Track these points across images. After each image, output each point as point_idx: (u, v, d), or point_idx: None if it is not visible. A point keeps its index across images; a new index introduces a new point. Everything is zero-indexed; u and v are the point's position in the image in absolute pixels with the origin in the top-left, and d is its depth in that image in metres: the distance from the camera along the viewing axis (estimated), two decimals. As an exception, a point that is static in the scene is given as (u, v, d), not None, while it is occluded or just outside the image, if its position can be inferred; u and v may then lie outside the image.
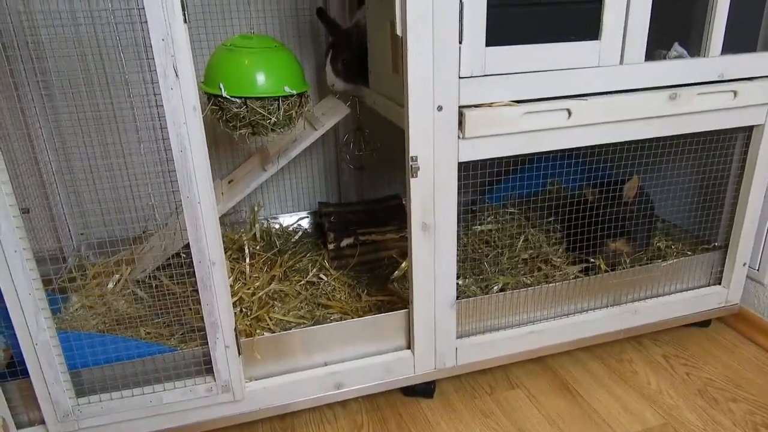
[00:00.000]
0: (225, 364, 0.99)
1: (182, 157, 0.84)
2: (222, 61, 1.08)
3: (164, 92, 0.80)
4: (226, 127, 1.10)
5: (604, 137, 1.08)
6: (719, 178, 1.29)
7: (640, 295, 1.30)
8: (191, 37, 1.39)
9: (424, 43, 0.92)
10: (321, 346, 1.11)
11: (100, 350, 0.95)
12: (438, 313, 1.11)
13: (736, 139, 1.25)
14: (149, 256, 1.30)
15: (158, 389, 0.97)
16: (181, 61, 0.80)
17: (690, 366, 1.30)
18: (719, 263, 1.34)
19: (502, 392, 1.23)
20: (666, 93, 1.07)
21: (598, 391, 1.23)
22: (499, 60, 0.97)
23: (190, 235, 0.89)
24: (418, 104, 0.95)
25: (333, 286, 1.37)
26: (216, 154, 1.57)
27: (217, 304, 0.95)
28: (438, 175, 1.01)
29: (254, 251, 1.49)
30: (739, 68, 1.12)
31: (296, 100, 1.12)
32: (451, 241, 1.07)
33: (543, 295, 1.21)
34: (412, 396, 1.22)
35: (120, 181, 1.42)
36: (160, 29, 0.77)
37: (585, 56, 1.02)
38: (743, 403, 1.19)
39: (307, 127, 1.35)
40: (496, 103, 1.00)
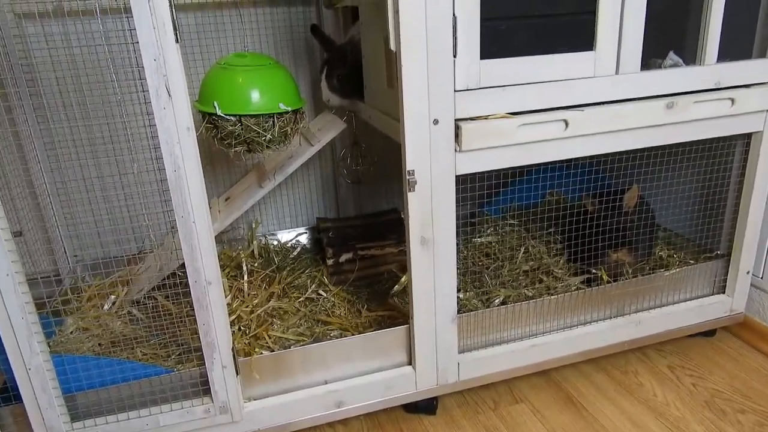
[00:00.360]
0: (222, 384, 0.97)
1: (176, 177, 0.84)
2: (216, 79, 1.08)
3: (157, 112, 0.80)
4: (221, 145, 1.10)
5: (602, 147, 1.07)
6: (720, 185, 1.28)
7: (644, 306, 1.28)
8: (185, 56, 1.41)
9: (418, 58, 0.91)
10: (321, 363, 1.09)
11: (95, 373, 0.93)
12: (439, 328, 1.10)
13: (735, 147, 1.24)
14: (145, 277, 1.28)
15: (155, 411, 0.96)
16: (174, 81, 0.79)
17: (696, 377, 1.28)
18: (722, 272, 1.32)
19: (505, 407, 1.21)
20: (663, 102, 1.07)
21: (604, 403, 1.21)
22: (494, 72, 0.97)
23: (186, 255, 0.88)
24: (413, 118, 0.95)
25: (332, 302, 1.36)
26: (212, 171, 1.57)
27: (213, 324, 0.93)
28: (435, 188, 1.00)
29: (252, 268, 1.48)
30: (735, 75, 1.11)
31: (291, 116, 1.11)
32: (451, 255, 1.06)
33: (545, 308, 1.20)
34: (415, 413, 1.20)
35: (116, 201, 1.41)
36: (151, 49, 0.77)
37: (580, 67, 1.02)
38: (751, 414, 1.17)
39: (304, 143, 1.34)
40: (493, 116, 0.99)
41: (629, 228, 1.27)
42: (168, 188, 0.84)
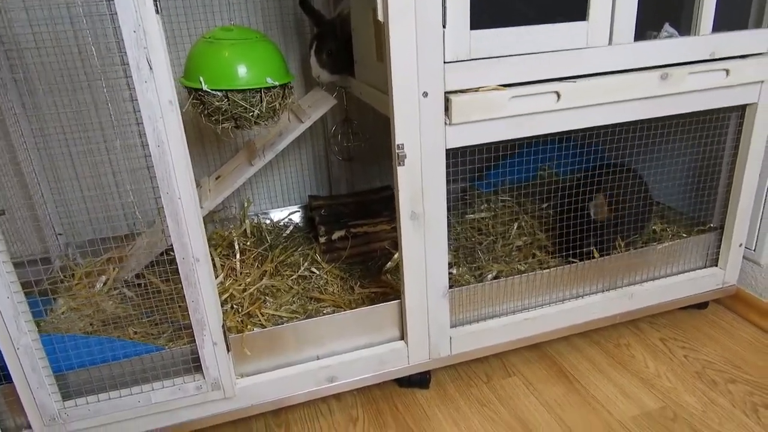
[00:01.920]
0: (214, 361, 0.97)
1: (160, 152, 0.82)
2: (201, 54, 1.05)
3: (138, 86, 0.78)
4: (209, 121, 1.08)
5: (595, 120, 1.06)
6: (714, 158, 1.27)
7: (636, 279, 1.28)
8: (171, 32, 1.39)
9: (406, 28, 0.89)
10: (313, 340, 1.09)
11: (85, 352, 0.93)
12: (431, 303, 1.10)
13: (729, 119, 1.23)
14: (136, 255, 1.28)
15: (146, 389, 0.96)
16: (155, 54, 0.77)
17: (688, 348, 1.29)
18: (715, 244, 1.32)
19: (498, 380, 1.22)
20: (657, 73, 1.05)
21: (596, 376, 1.22)
22: (484, 43, 0.95)
23: (172, 232, 0.87)
24: (402, 91, 0.93)
25: (325, 279, 1.36)
26: (203, 150, 1.55)
27: (203, 301, 0.93)
28: (425, 162, 0.99)
29: (245, 247, 1.47)
30: (730, 46, 1.10)
31: (279, 91, 1.09)
32: (442, 230, 1.05)
33: (538, 282, 1.20)
34: (408, 387, 1.20)
35: (104, 179, 1.39)
36: (130, 21, 0.75)
37: (573, 37, 1.00)
38: (742, 384, 1.18)
39: (294, 120, 1.32)
40: (483, 88, 0.98)
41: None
42: (152, 164, 0.83)
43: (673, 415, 1.10)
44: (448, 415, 1.13)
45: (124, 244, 1.32)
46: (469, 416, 1.12)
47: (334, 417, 1.15)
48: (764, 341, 1.30)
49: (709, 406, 1.12)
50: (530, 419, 1.11)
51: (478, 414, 1.13)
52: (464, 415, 1.13)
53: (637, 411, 1.12)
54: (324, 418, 1.14)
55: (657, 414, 1.11)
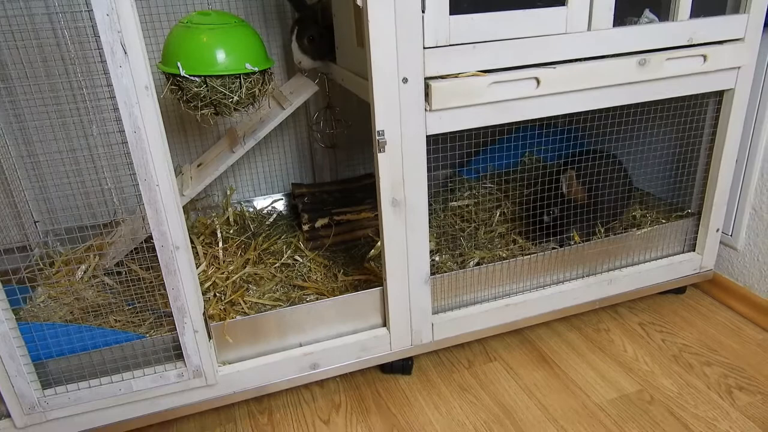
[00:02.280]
0: (195, 348, 0.97)
1: (137, 138, 0.81)
2: (179, 39, 1.04)
3: (113, 71, 0.77)
4: (187, 107, 1.07)
5: (574, 106, 1.06)
6: (692, 144, 1.29)
7: (616, 265, 1.30)
8: (149, 16, 1.37)
9: (385, 13, 0.89)
10: (296, 327, 1.10)
11: (64, 340, 0.92)
12: (412, 290, 1.10)
13: (707, 105, 1.24)
14: (117, 243, 1.27)
15: (127, 377, 0.96)
16: (129, 37, 0.76)
17: (666, 332, 1.31)
18: (693, 230, 1.34)
19: (480, 366, 1.23)
20: (635, 59, 1.06)
21: (576, 360, 1.23)
22: (464, 29, 0.95)
23: (151, 220, 0.86)
24: (382, 77, 0.93)
25: (309, 267, 1.36)
26: (184, 137, 1.53)
27: (183, 289, 0.92)
28: (406, 149, 0.99)
29: (228, 235, 1.47)
30: (708, 32, 1.11)
31: (259, 77, 1.08)
32: (423, 217, 1.05)
33: (519, 268, 1.21)
34: (390, 373, 1.21)
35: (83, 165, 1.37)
36: (104, 4, 0.74)
37: (552, 23, 1.00)
38: (717, 366, 1.20)
39: (275, 107, 1.32)
40: (463, 74, 0.98)
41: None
42: (129, 150, 0.82)
43: (650, 397, 1.12)
44: (429, 401, 1.14)
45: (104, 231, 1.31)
46: (450, 401, 1.14)
47: (317, 403, 1.15)
48: (740, 325, 1.33)
49: (685, 389, 1.14)
50: (510, 403, 1.12)
51: (459, 399, 1.14)
52: (446, 400, 1.14)
53: (615, 394, 1.14)
54: (307, 405, 1.15)
55: (634, 397, 1.13)
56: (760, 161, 1.28)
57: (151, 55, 0.83)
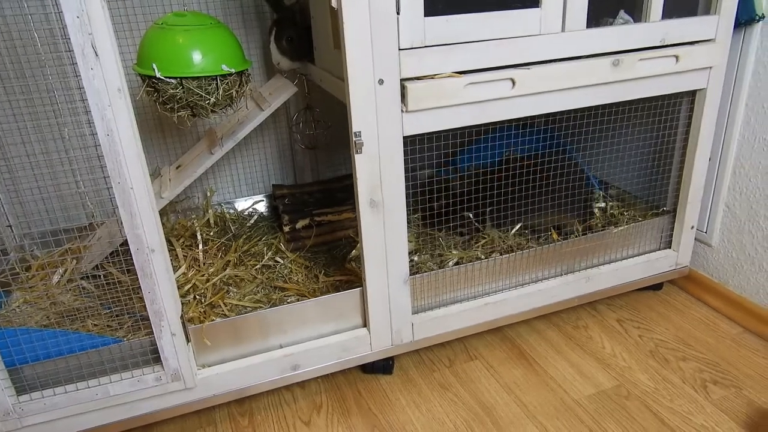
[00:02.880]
0: (173, 352, 0.97)
1: (109, 141, 0.81)
2: (154, 40, 1.03)
3: (84, 73, 0.76)
4: (164, 109, 1.06)
5: (549, 106, 1.08)
6: (666, 143, 1.31)
7: (594, 262, 1.32)
8: (125, 17, 1.35)
9: (360, 15, 0.89)
10: (276, 328, 1.10)
11: (39, 345, 0.91)
12: (392, 290, 1.11)
13: (681, 104, 1.26)
14: (94, 247, 1.25)
15: (104, 382, 0.95)
16: (100, 39, 0.76)
17: (643, 329, 1.33)
18: (669, 227, 1.36)
19: (460, 364, 1.24)
20: (609, 59, 1.07)
21: (554, 357, 1.25)
22: (439, 30, 0.95)
23: (125, 222, 0.86)
24: (358, 78, 0.93)
25: (290, 268, 1.36)
26: (163, 139, 1.52)
27: (159, 292, 0.92)
28: (383, 150, 0.99)
29: (208, 237, 1.46)
30: (680, 32, 1.13)
31: (236, 78, 1.08)
32: (401, 217, 1.06)
33: (497, 267, 1.22)
34: (372, 373, 1.22)
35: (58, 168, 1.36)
36: (73, 6, 0.73)
37: (526, 24, 1.01)
38: (693, 361, 1.22)
39: (254, 108, 1.31)
40: (439, 75, 0.98)
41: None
42: (102, 153, 0.81)
43: (627, 392, 1.14)
44: (410, 400, 1.15)
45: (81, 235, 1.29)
46: (431, 400, 1.14)
47: (298, 404, 1.15)
48: (714, 320, 1.35)
49: (661, 384, 1.16)
50: (490, 401, 1.13)
51: (439, 397, 1.15)
52: (426, 399, 1.15)
53: (592, 390, 1.15)
54: (288, 406, 1.15)
55: (611, 392, 1.14)
56: (732, 159, 1.31)
57: (127, 57, 0.82)
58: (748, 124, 1.26)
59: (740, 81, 1.25)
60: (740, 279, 1.34)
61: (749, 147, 1.27)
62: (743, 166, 1.29)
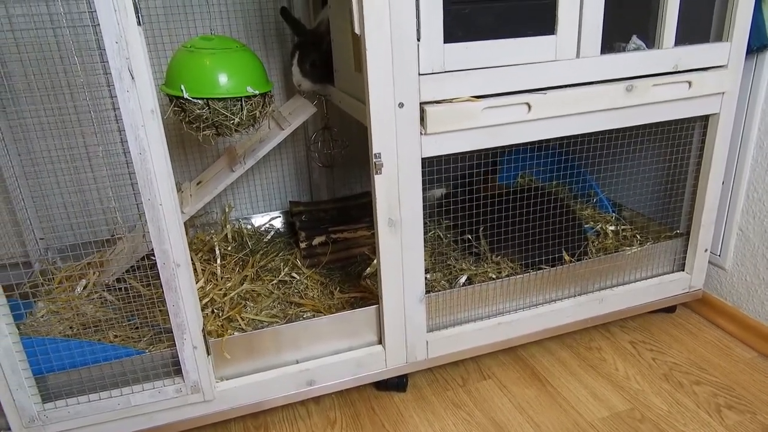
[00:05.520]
0: (193, 364, 0.99)
1: (141, 160, 0.84)
2: (183, 62, 1.08)
3: (120, 95, 0.80)
4: (190, 128, 1.10)
5: (564, 130, 1.10)
6: (679, 166, 1.32)
7: (607, 284, 1.33)
8: (152, 39, 1.41)
9: (382, 42, 0.93)
10: (292, 343, 1.12)
11: (65, 355, 0.94)
12: (408, 308, 1.13)
13: (694, 128, 1.28)
14: (117, 260, 1.29)
15: (126, 392, 0.97)
16: (137, 64, 0.80)
17: (656, 351, 1.33)
18: (682, 250, 1.37)
19: (473, 383, 1.25)
20: (622, 85, 1.10)
21: (568, 378, 1.25)
22: (457, 56, 0.99)
23: (153, 238, 0.89)
24: (379, 102, 0.96)
25: (305, 284, 1.38)
26: (184, 155, 1.56)
27: (183, 306, 0.95)
28: (402, 171, 1.02)
29: (226, 252, 1.49)
30: (693, 59, 1.15)
31: (259, 100, 1.12)
32: (418, 236, 1.08)
33: (511, 287, 1.24)
34: (385, 390, 1.23)
35: (85, 184, 1.40)
36: (113, 32, 0.77)
37: (542, 50, 1.04)
38: (707, 385, 1.22)
39: (274, 127, 1.35)
40: (457, 99, 1.01)
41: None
42: (134, 171, 0.85)
43: (641, 416, 1.14)
44: (423, 418, 1.16)
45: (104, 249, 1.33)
46: (444, 418, 1.15)
47: (312, 419, 1.17)
48: (729, 344, 1.35)
49: (675, 407, 1.16)
50: (503, 420, 1.14)
51: (452, 416, 1.16)
52: (439, 417, 1.15)
53: (606, 412, 1.15)
54: (302, 421, 1.16)
55: (625, 415, 1.15)
56: (745, 183, 1.32)
57: (153, 77, 0.86)
58: (761, 148, 1.27)
59: (753, 106, 1.27)
60: (755, 303, 1.34)
61: (762, 171, 1.28)
62: (756, 189, 1.30)
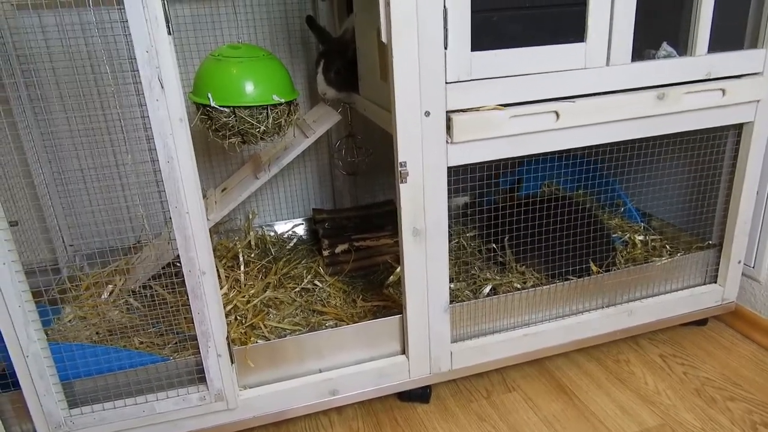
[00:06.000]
0: (218, 372, 0.99)
1: (170, 168, 0.85)
2: (210, 71, 1.08)
3: (150, 104, 0.81)
4: (216, 136, 1.11)
5: (593, 138, 1.08)
6: (712, 175, 1.29)
7: (636, 295, 1.29)
8: (180, 47, 1.42)
9: (409, 50, 0.92)
10: (315, 352, 1.11)
11: (92, 361, 0.95)
12: (432, 318, 1.11)
13: (727, 136, 1.25)
14: (142, 267, 1.30)
15: (151, 399, 0.98)
16: (166, 73, 0.80)
17: (687, 365, 1.30)
18: (714, 261, 1.33)
19: (498, 395, 1.23)
20: (654, 93, 1.07)
21: (595, 392, 1.22)
22: (485, 64, 0.97)
23: (180, 246, 0.89)
24: (405, 110, 0.96)
25: (328, 292, 1.37)
26: (209, 162, 1.58)
27: (208, 313, 0.95)
28: (427, 180, 1.01)
29: (249, 259, 1.49)
30: (726, 66, 1.12)
31: (285, 108, 1.12)
32: (443, 246, 1.07)
33: (537, 297, 1.21)
34: (408, 401, 1.22)
35: (113, 191, 1.42)
36: (144, 42, 0.78)
37: (571, 58, 1.02)
38: (741, 401, 1.18)
39: (299, 135, 1.35)
40: (484, 107, 1.00)
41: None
42: (162, 179, 0.85)
43: None
44: (447, 430, 1.14)
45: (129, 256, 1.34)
46: (468, 430, 1.13)
47: (335, 429, 1.16)
48: (763, 359, 1.31)
49: (708, 424, 1.13)
50: (529, 434, 1.12)
51: (477, 429, 1.14)
52: (463, 429, 1.13)
53: (636, 428, 1.12)
54: (325, 431, 1.15)
55: (656, 431, 1.11)
56: (781, 194, 1.28)
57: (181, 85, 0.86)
58: (798, 158, 1.23)
59: (789, 115, 1.23)
60: (790, 317, 1.29)
61: (799, 182, 1.24)
62: (793, 200, 1.26)
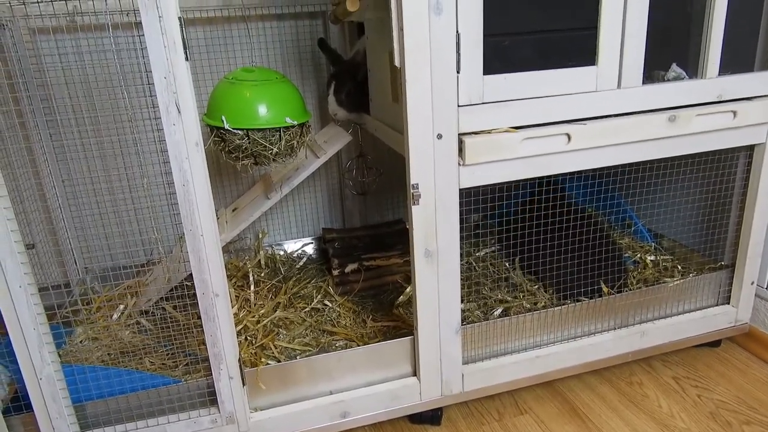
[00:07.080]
0: (229, 395, 0.99)
1: (185, 191, 0.85)
2: (224, 94, 1.10)
3: (167, 128, 0.82)
4: (229, 158, 1.12)
5: (604, 160, 1.08)
6: (724, 196, 1.29)
7: (648, 317, 1.28)
8: (193, 70, 1.44)
9: (422, 74, 0.93)
10: (326, 374, 1.10)
11: (104, 383, 0.95)
12: (443, 340, 1.11)
13: (738, 158, 1.25)
14: (153, 287, 1.30)
15: (162, 421, 0.97)
16: (183, 98, 0.81)
17: (701, 388, 1.28)
18: (727, 282, 1.32)
19: (510, 418, 1.21)
20: (665, 115, 1.08)
21: (608, 415, 1.21)
22: (497, 87, 0.98)
23: (193, 267, 0.89)
24: (417, 133, 0.96)
25: (338, 312, 1.37)
26: (220, 182, 1.59)
27: (220, 335, 0.95)
28: (439, 201, 1.01)
29: (259, 278, 1.49)
30: (737, 88, 1.12)
31: (297, 130, 1.13)
32: (455, 267, 1.07)
33: (549, 319, 1.21)
34: (419, 423, 1.20)
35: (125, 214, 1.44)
36: (162, 67, 0.79)
37: (583, 81, 1.03)
38: (757, 425, 1.16)
39: (310, 155, 1.36)
40: (496, 130, 1.00)
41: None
42: (176, 202, 0.86)
43: (688, 456, 1.09)
44: (459, 453, 1.13)
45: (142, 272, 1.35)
46: (480, 454, 1.12)
47: (346, 452, 1.15)
48: (779, 381, 1.29)
49: (724, 448, 1.11)
50: (542, 458, 1.10)
51: (489, 452, 1.12)
52: (476, 453, 1.12)
53: (650, 452, 1.11)
54: (335, 453, 1.14)
55: (671, 455, 1.10)
56: (794, 214, 1.27)
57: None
58: (810, 179, 1.23)
59: (801, 136, 1.23)
60: (806, 339, 1.28)
61: (812, 202, 1.23)
62: (806, 221, 1.25)
